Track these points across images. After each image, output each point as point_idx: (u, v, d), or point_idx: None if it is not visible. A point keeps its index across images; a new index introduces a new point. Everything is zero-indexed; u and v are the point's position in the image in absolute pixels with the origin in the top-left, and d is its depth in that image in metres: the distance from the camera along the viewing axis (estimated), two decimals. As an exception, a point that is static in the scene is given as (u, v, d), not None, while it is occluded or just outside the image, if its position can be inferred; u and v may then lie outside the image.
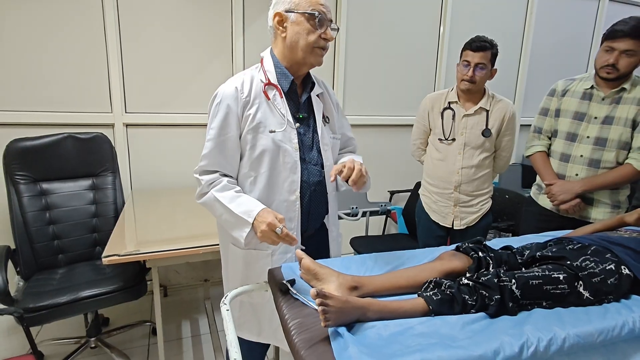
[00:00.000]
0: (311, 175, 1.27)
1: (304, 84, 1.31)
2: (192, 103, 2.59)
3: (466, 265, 1.10)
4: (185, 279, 2.83)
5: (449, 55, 3.14)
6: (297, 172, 1.24)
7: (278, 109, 1.23)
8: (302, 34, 1.17)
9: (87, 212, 2.15)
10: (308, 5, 1.16)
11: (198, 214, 2.11)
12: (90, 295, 1.77)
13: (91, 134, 2.21)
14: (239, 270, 1.33)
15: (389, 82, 3.06)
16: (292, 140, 1.23)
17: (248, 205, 1.15)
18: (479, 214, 1.96)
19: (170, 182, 2.62)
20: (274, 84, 1.23)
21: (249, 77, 1.24)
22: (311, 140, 1.28)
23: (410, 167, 2.93)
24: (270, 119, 1.21)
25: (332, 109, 1.37)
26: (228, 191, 1.19)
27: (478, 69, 1.79)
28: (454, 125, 1.91)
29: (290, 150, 1.22)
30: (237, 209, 1.15)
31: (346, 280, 1.01)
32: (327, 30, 1.18)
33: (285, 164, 1.23)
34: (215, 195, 1.18)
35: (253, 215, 1.12)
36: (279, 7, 1.18)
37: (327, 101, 1.36)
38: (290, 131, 1.23)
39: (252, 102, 1.20)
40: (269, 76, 1.24)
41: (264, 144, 1.20)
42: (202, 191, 1.22)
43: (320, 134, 1.29)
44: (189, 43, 2.51)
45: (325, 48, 1.21)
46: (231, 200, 1.17)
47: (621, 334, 0.87)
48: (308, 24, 1.16)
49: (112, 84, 2.39)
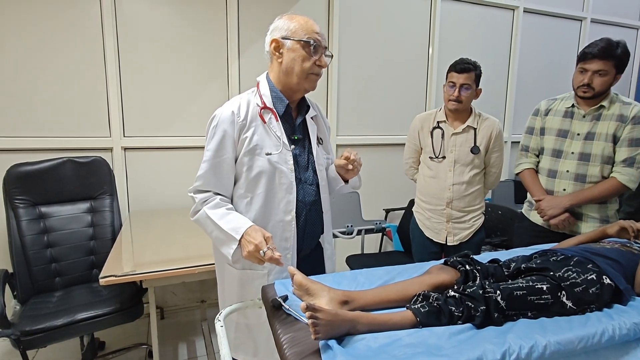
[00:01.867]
0: (307, 195, 1.32)
1: (299, 107, 1.36)
2: (189, 126, 2.66)
3: (454, 278, 1.14)
4: (182, 300, 2.83)
5: (439, 76, 3.24)
6: (292, 192, 1.28)
7: (274, 131, 1.27)
8: (298, 61, 1.23)
9: (84, 234, 2.18)
10: (304, 33, 1.22)
11: (194, 235, 2.14)
12: (87, 317, 1.78)
13: (90, 157, 2.27)
14: (234, 290, 1.36)
15: (382, 103, 3.15)
16: (287, 161, 1.28)
17: (237, 222, 1.18)
18: (471, 230, 2.00)
19: (168, 204, 2.66)
20: (270, 107, 1.28)
21: (246, 100, 1.29)
22: (306, 161, 1.33)
23: (404, 186, 2.98)
24: (267, 142, 1.26)
25: (324, 130, 1.43)
26: (219, 208, 1.23)
27: (463, 89, 1.87)
28: (443, 144, 1.97)
29: (286, 171, 1.27)
30: (226, 225, 1.18)
31: (337, 295, 1.04)
32: (321, 57, 1.25)
33: (281, 185, 1.27)
34: (207, 213, 1.22)
35: (240, 232, 1.15)
36: (276, 34, 1.25)
37: (320, 123, 1.41)
38: (285, 153, 1.28)
39: (248, 126, 1.25)
40: (265, 100, 1.29)
41: (261, 165, 1.25)
42: (195, 209, 1.26)
43: (315, 155, 1.34)
44: (186, 68, 2.60)
45: (319, 74, 1.27)
46: (221, 217, 1.20)
47: (601, 341, 0.90)
48: (303, 51, 1.22)
49: (110, 109, 2.46)
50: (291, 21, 1.23)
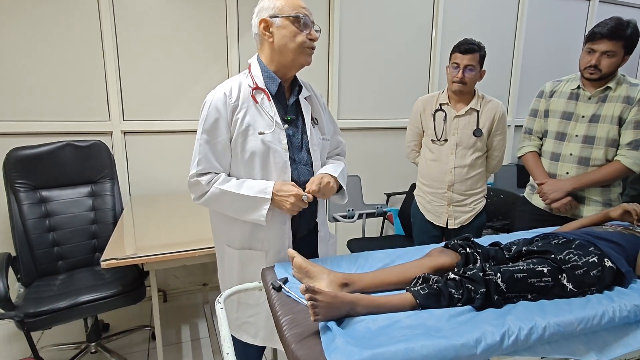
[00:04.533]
0: (301, 175, 1.31)
1: (292, 87, 1.35)
2: (189, 110, 2.63)
3: (454, 261, 1.14)
4: (183, 283, 2.86)
5: (442, 58, 3.18)
6: (287, 172, 1.28)
7: (266, 111, 1.27)
8: (289, 37, 1.22)
9: (86, 218, 2.19)
10: (291, 9, 1.22)
11: (195, 218, 2.14)
12: (90, 300, 1.80)
13: (90, 141, 2.26)
14: (234, 270, 1.37)
15: (383, 86, 3.11)
16: (281, 141, 1.27)
17: (259, 185, 1.23)
18: (472, 213, 1.99)
19: (168, 187, 2.66)
20: (262, 87, 1.28)
21: (237, 82, 1.29)
22: (300, 141, 1.33)
23: (405, 169, 2.97)
24: (259, 122, 1.26)
25: (320, 110, 1.41)
26: (230, 181, 1.25)
27: (467, 70, 1.84)
28: (445, 126, 1.95)
29: (279, 150, 1.26)
30: (249, 191, 1.22)
31: (337, 278, 1.05)
32: (311, 31, 1.25)
33: (276, 164, 1.27)
34: (220, 188, 1.23)
35: (269, 192, 1.21)
36: (263, 14, 1.25)
37: (315, 103, 1.40)
38: (279, 132, 1.27)
39: (240, 107, 1.25)
40: (257, 81, 1.29)
41: (254, 145, 1.25)
42: (202, 191, 1.27)
43: (309, 135, 1.33)
44: (185, 51, 2.57)
45: (313, 47, 1.27)
46: (239, 186, 1.23)
47: (601, 322, 0.90)
48: (293, 27, 1.22)
49: (110, 93, 2.44)
50: (276, 0, 1.23)
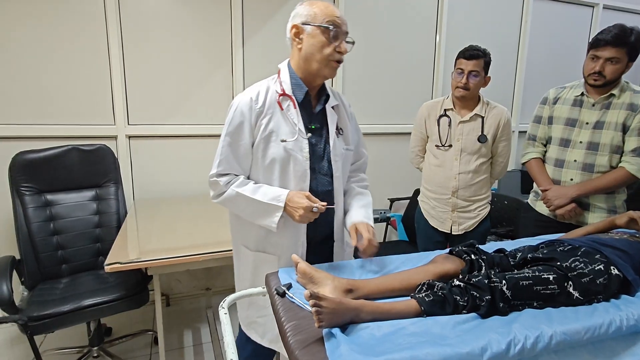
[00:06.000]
0: (320, 185, 1.31)
1: (319, 95, 1.34)
2: (194, 114, 2.65)
3: (459, 268, 1.13)
4: (187, 288, 2.85)
5: (446, 64, 3.19)
6: (306, 181, 1.28)
7: (291, 119, 1.27)
8: (317, 47, 1.21)
9: (90, 222, 2.20)
10: (324, 19, 1.20)
11: (199, 223, 2.14)
12: (93, 303, 1.80)
13: (95, 145, 2.27)
14: (248, 271, 1.38)
15: (388, 92, 3.11)
16: (302, 149, 1.27)
17: (273, 192, 1.23)
18: (477, 220, 1.98)
19: (172, 192, 2.67)
20: (289, 94, 1.28)
21: (265, 87, 1.29)
22: (322, 151, 1.32)
23: (409, 175, 2.96)
24: (283, 129, 1.26)
25: (346, 120, 1.40)
26: (247, 185, 1.26)
27: (472, 76, 1.84)
28: (450, 132, 1.95)
29: (300, 159, 1.26)
30: (264, 197, 1.22)
31: (341, 284, 1.04)
32: (341, 43, 1.22)
33: (295, 172, 1.27)
34: (236, 191, 1.25)
35: (282, 200, 1.21)
36: (296, 20, 1.24)
37: (341, 113, 1.39)
38: (301, 141, 1.27)
39: (265, 112, 1.26)
40: (284, 87, 1.28)
41: (275, 152, 1.25)
42: (220, 191, 1.29)
43: (332, 145, 1.32)
44: (190, 56, 2.58)
45: (340, 61, 1.25)
46: (254, 191, 1.24)
47: (608, 331, 0.89)
48: (323, 37, 1.20)
49: (115, 97, 2.46)
50: (312, 7, 1.22)
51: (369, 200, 1.43)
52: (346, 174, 1.43)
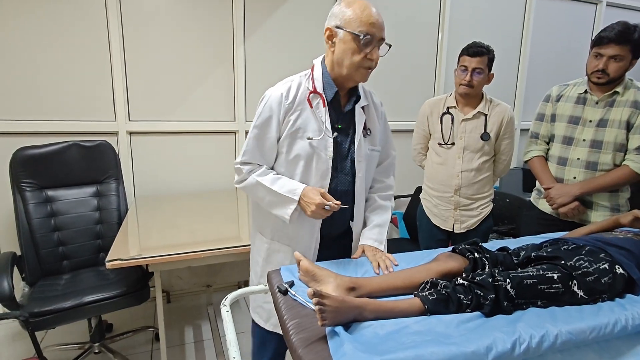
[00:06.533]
0: (340, 184, 1.32)
1: (349, 95, 1.33)
2: (195, 111, 2.63)
3: (462, 266, 1.12)
4: (187, 284, 2.85)
5: (448, 61, 3.17)
6: (327, 179, 1.29)
7: (319, 117, 1.27)
8: (348, 53, 1.19)
9: (91, 218, 2.19)
10: (357, 25, 1.16)
11: (200, 220, 2.14)
12: (94, 300, 1.80)
13: (95, 141, 2.26)
14: (261, 257, 1.41)
15: (390, 89, 3.10)
16: (327, 148, 1.27)
17: (291, 185, 1.25)
18: (479, 218, 1.97)
19: (173, 189, 2.66)
20: (319, 92, 1.27)
21: (297, 83, 1.29)
22: (347, 151, 1.32)
23: (411, 172, 2.94)
24: (310, 126, 1.26)
25: (375, 121, 1.39)
26: (268, 175, 1.28)
27: (475, 73, 1.82)
28: (452, 130, 1.94)
29: (324, 157, 1.27)
30: (281, 189, 1.24)
31: (344, 282, 1.03)
32: (373, 50, 1.20)
33: (317, 170, 1.28)
34: (257, 179, 1.27)
35: (298, 193, 1.22)
36: (331, 22, 1.21)
37: (371, 113, 1.38)
38: (327, 139, 1.27)
39: (294, 109, 1.26)
40: (316, 84, 1.28)
41: (300, 148, 1.26)
42: (242, 178, 1.32)
43: (357, 145, 1.31)
44: (192, 52, 2.57)
45: (371, 68, 1.23)
46: (273, 182, 1.26)
47: (614, 331, 0.89)
48: (354, 44, 1.18)
49: (115, 93, 2.44)
50: (347, 8, 1.18)
51: (386, 218, 1.42)
52: (371, 174, 1.43)
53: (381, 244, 1.35)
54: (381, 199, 1.45)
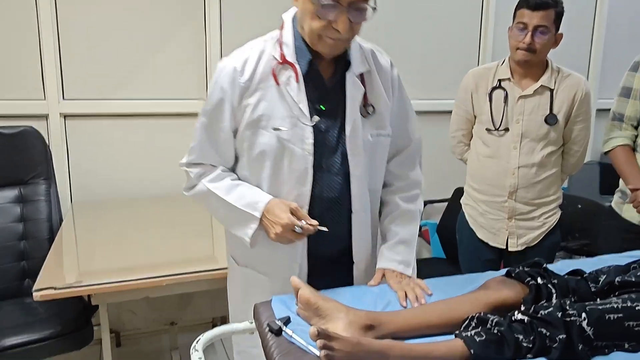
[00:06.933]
0: (326, 189, 1.27)
1: (336, 62, 1.26)
2: (152, 86, 2.65)
3: (520, 296, 1.13)
4: (144, 322, 2.85)
5: (498, 18, 3.18)
6: (306, 183, 1.24)
7: (291, 96, 1.22)
8: (306, 16, 1.15)
9: (12, 232, 2.20)
10: None
11: (160, 234, 2.15)
12: (18, 344, 1.80)
13: (18, 128, 2.27)
14: (238, 291, 1.41)
15: (417, 57, 3.11)
16: (304, 139, 1.22)
17: (252, 196, 1.23)
18: (542, 230, 1.99)
19: (124, 191, 2.67)
20: (290, 62, 1.22)
21: (258, 52, 1.24)
22: (336, 141, 1.27)
23: (448, 169, 2.95)
24: (277, 111, 1.22)
25: (381, 92, 1.32)
26: (222, 180, 1.28)
27: (538, 33, 1.82)
28: (506, 111, 1.95)
29: (299, 153, 1.22)
30: (238, 202, 1.23)
31: (359, 317, 1.04)
32: (341, 18, 1.10)
33: (291, 171, 1.24)
34: (208, 187, 1.27)
35: (260, 208, 1.20)
36: None
37: (374, 82, 1.31)
38: (303, 128, 1.22)
39: (254, 88, 1.22)
40: (285, 51, 1.23)
41: (265, 143, 1.22)
42: (191, 184, 1.33)
43: (350, 132, 1.25)
44: (149, 7, 2.58)
45: (335, 39, 1.15)
46: (228, 191, 1.25)
47: None
48: (310, 5, 1.12)
49: (45, 63, 2.45)
50: None
51: (414, 230, 1.39)
52: (379, 171, 1.37)
53: (408, 266, 1.33)
54: (405, 201, 1.41)
